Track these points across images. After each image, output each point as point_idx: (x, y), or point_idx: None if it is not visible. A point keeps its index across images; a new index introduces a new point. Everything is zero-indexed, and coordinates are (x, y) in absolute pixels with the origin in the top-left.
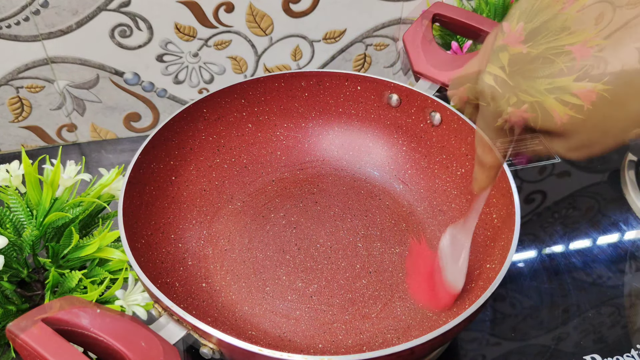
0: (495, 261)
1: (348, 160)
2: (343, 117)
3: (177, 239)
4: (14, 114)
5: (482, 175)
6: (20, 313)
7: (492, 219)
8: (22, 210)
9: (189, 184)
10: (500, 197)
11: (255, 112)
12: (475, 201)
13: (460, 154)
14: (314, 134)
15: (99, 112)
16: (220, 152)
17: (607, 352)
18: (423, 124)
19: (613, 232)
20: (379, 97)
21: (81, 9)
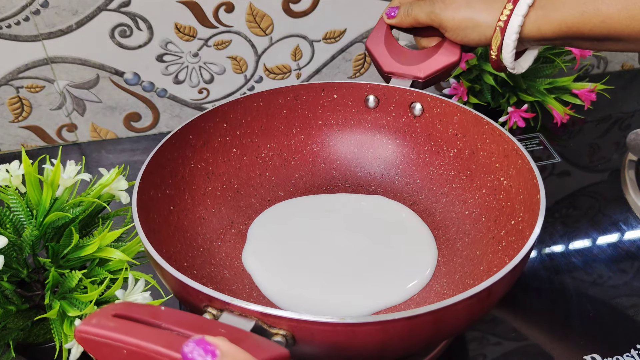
0: (520, 215)
1: (337, 170)
2: (324, 129)
3: (190, 267)
4: (14, 114)
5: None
6: (20, 313)
7: (501, 182)
8: (22, 210)
9: (187, 213)
10: (504, 159)
11: (238, 136)
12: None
13: (448, 136)
14: (298, 150)
15: (99, 112)
16: (210, 179)
17: (607, 352)
18: (405, 118)
19: (613, 232)
20: (357, 102)
21: (81, 9)
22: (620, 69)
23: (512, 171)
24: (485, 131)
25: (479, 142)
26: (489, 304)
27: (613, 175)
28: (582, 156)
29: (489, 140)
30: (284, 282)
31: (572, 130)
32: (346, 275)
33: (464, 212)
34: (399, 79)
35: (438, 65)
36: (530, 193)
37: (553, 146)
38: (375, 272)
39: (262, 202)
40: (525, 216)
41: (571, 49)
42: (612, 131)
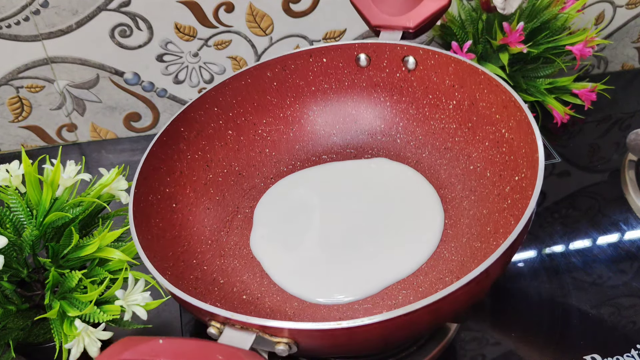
0: (522, 171)
1: (337, 134)
2: (318, 95)
3: (200, 263)
4: (14, 113)
5: None
6: (20, 313)
7: (502, 134)
8: (22, 210)
9: (191, 207)
10: (503, 110)
11: (232, 117)
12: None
13: (445, 87)
14: (295, 120)
15: (99, 112)
16: (210, 167)
17: (607, 352)
18: (399, 73)
19: (613, 232)
20: (348, 63)
21: (81, 9)
22: (621, 69)
23: (513, 123)
24: (481, 81)
25: (477, 93)
26: (486, 285)
27: (613, 176)
28: (582, 156)
29: (487, 90)
30: (292, 266)
31: (572, 130)
32: (353, 250)
33: (469, 167)
34: (388, 31)
35: (427, 11)
36: (531, 148)
37: (553, 146)
38: (383, 243)
39: (266, 181)
40: (528, 173)
41: (571, 48)
42: (612, 131)
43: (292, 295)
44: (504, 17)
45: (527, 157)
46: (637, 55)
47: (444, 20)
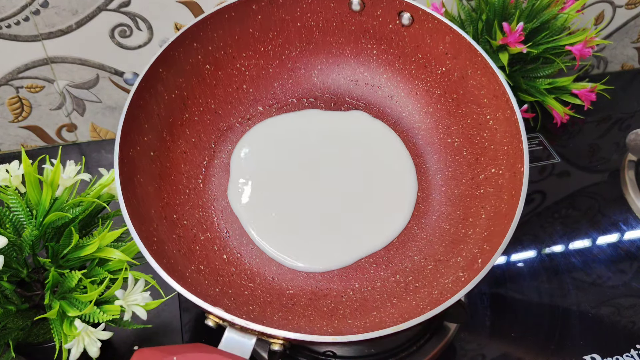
0: (501, 167)
1: (318, 76)
2: (303, 32)
3: (180, 218)
4: (13, 114)
5: None
6: (20, 313)
7: (487, 120)
8: (22, 210)
9: (168, 153)
10: (493, 98)
11: (211, 51)
12: None
13: (438, 52)
14: (276, 55)
15: (99, 112)
16: (186, 106)
17: (607, 352)
18: (392, 25)
19: (613, 232)
20: (340, 4)
21: (81, 9)
22: (620, 69)
23: (500, 115)
24: (478, 62)
25: (469, 69)
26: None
27: (613, 176)
28: (582, 156)
29: (480, 72)
30: (270, 227)
31: (572, 130)
32: (331, 218)
33: (447, 140)
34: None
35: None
36: (515, 154)
37: (553, 146)
38: (359, 213)
39: (242, 122)
40: (506, 174)
41: (571, 48)
42: (612, 131)
43: (271, 258)
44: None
45: (508, 157)
46: (636, 55)
47: None
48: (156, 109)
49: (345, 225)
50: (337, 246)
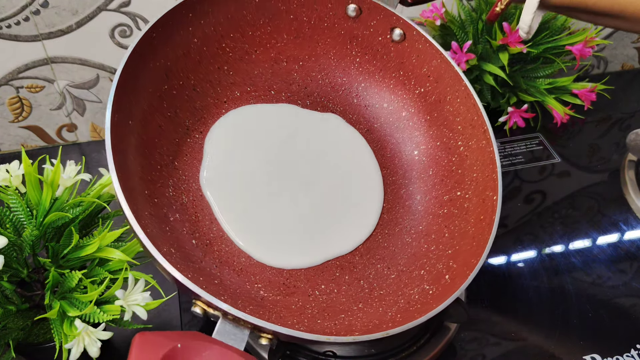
0: (468, 192)
1: (298, 72)
2: (294, 24)
3: (151, 195)
4: (14, 114)
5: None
6: (20, 313)
7: (458, 145)
8: (22, 210)
9: (145, 124)
10: (468, 127)
11: (202, 25)
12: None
13: (420, 74)
14: (262, 43)
15: (99, 112)
16: (168, 77)
17: (607, 352)
18: (381, 38)
19: (613, 232)
20: (337, 6)
21: (81, 9)
22: (620, 69)
23: (473, 144)
24: (460, 91)
25: (449, 96)
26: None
27: (613, 176)
28: (582, 156)
29: (460, 100)
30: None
31: (572, 130)
32: (300, 217)
33: (414, 157)
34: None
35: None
36: (485, 182)
37: (553, 146)
38: (323, 215)
39: (218, 104)
40: (473, 199)
41: (571, 48)
42: (612, 131)
43: (239, 248)
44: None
45: (476, 183)
46: (636, 55)
47: (444, 20)
48: (141, 76)
49: (312, 226)
50: (302, 245)
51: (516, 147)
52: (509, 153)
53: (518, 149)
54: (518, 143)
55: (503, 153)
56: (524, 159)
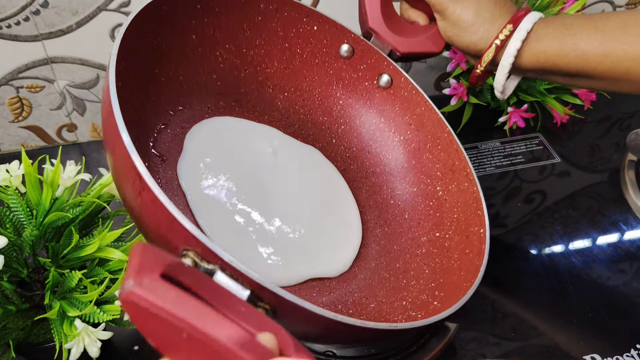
0: (448, 232)
1: (282, 101)
2: (286, 54)
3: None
4: (14, 114)
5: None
6: (20, 313)
7: (436, 190)
8: (22, 210)
9: (131, 96)
10: (448, 172)
11: (204, 23)
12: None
13: (402, 121)
14: (253, 64)
15: (99, 112)
16: (161, 61)
17: (607, 352)
18: (368, 83)
19: (613, 232)
20: (332, 44)
21: (81, 9)
22: None
23: (453, 187)
24: (441, 137)
25: (429, 144)
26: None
27: (613, 176)
28: (582, 156)
29: (441, 147)
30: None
31: (572, 130)
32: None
33: (389, 201)
34: (378, 40)
35: (420, 48)
36: (468, 220)
37: (553, 146)
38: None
39: (202, 109)
40: (455, 237)
41: None
42: (612, 131)
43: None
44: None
45: (457, 223)
46: None
47: None
48: (141, 48)
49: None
50: (275, 264)
51: (516, 147)
52: (509, 153)
53: (518, 149)
54: (518, 143)
55: (503, 153)
56: (524, 159)
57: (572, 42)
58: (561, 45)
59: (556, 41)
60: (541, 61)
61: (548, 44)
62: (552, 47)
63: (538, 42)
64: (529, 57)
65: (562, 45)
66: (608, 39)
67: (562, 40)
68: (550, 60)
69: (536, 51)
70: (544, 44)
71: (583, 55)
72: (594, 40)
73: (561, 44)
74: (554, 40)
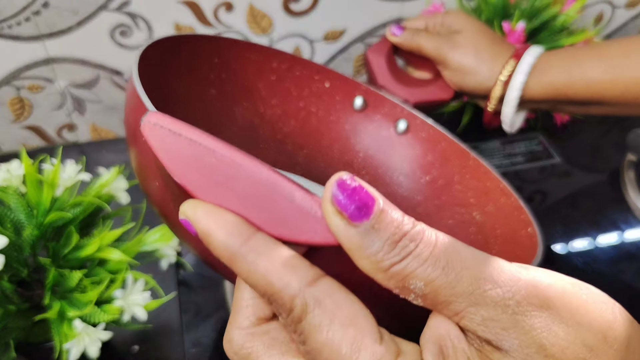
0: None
1: (303, 157)
2: (302, 113)
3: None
4: (14, 114)
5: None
6: (20, 313)
7: (473, 217)
8: (23, 210)
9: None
10: (482, 196)
11: (222, 79)
12: None
13: (425, 162)
14: (270, 122)
15: (100, 112)
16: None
17: None
18: (385, 133)
19: (613, 232)
20: (345, 99)
21: (82, 9)
22: None
23: (490, 208)
24: (467, 166)
25: (456, 175)
26: None
27: (613, 176)
28: (582, 156)
29: (469, 175)
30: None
31: (572, 130)
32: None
33: None
34: (389, 95)
35: (430, 96)
36: (512, 229)
37: (553, 146)
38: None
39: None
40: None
41: None
42: (612, 131)
43: None
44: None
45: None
46: None
47: None
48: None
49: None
50: None
51: (516, 147)
52: (509, 153)
53: (518, 149)
54: (518, 143)
55: (503, 153)
56: (524, 159)
57: (578, 70)
58: (568, 75)
59: (563, 71)
60: (550, 92)
61: (555, 75)
62: (560, 77)
63: (544, 74)
64: (538, 89)
65: (569, 75)
66: (611, 66)
67: (568, 70)
68: (559, 90)
69: (544, 83)
70: (551, 76)
71: (590, 83)
72: (598, 68)
73: (568, 73)
74: (560, 70)
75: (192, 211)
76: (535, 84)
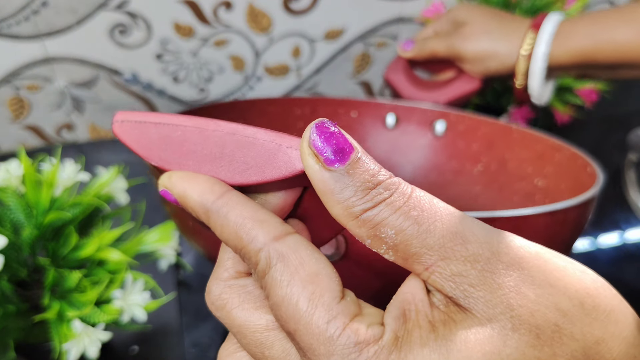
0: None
1: None
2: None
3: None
4: (13, 113)
5: None
6: (20, 313)
7: (535, 185)
8: (22, 210)
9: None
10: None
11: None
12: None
13: (471, 152)
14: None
15: (99, 112)
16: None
17: None
18: (424, 139)
19: (613, 232)
20: (375, 121)
21: (81, 9)
22: None
23: (549, 169)
24: (513, 140)
25: (505, 153)
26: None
27: (614, 176)
28: None
29: (518, 147)
30: None
31: (572, 130)
32: None
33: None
34: (417, 103)
35: (458, 91)
36: (576, 175)
37: None
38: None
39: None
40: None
41: None
42: (613, 131)
43: None
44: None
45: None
46: None
47: None
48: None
49: None
50: None
51: None
52: None
53: None
54: None
55: None
56: None
57: (608, 36)
58: (596, 39)
59: (590, 36)
60: (577, 58)
61: (581, 40)
62: (587, 42)
63: (568, 40)
64: (564, 56)
65: (597, 40)
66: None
67: (596, 34)
68: (587, 55)
69: (570, 49)
70: (577, 41)
71: (621, 46)
72: (628, 31)
73: (596, 38)
74: (587, 36)
75: (167, 180)
76: (560, 52)
